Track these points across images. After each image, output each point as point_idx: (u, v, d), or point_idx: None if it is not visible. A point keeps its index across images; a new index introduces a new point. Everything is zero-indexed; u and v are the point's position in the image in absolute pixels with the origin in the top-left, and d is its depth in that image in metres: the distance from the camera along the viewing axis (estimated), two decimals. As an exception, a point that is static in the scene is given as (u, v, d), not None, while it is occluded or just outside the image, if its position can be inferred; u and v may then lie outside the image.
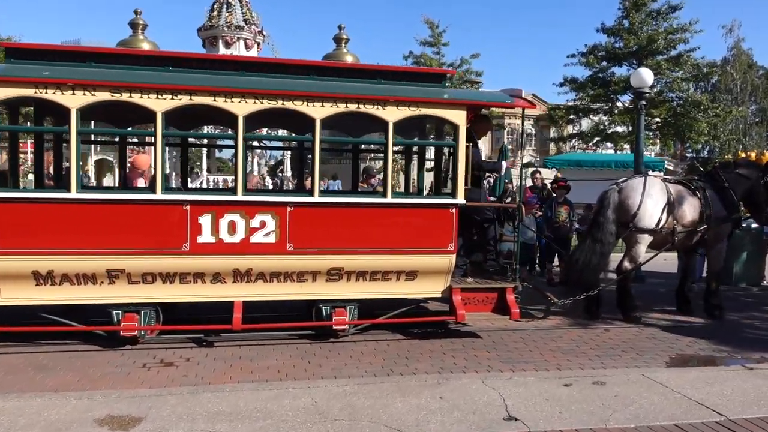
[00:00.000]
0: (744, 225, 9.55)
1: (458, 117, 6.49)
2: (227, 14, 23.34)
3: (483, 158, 7.39)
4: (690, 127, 24.38)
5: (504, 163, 7.09)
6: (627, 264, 7.88)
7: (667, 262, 11.48)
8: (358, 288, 6.51)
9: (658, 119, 25.83)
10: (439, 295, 6.81)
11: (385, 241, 6.41)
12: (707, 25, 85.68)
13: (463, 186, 6.57)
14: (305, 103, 6.15)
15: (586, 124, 30.43)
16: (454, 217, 6.55)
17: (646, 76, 10.80)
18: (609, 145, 30.01)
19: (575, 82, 26.88)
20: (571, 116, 28.39)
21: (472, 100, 6.64)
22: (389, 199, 6.42)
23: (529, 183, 11.99)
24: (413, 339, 6.79)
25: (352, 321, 6.56)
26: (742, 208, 8.81)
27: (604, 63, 26.49)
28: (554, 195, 10.37)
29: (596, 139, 28.54)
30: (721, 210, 8.10)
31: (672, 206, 7.77)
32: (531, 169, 15.38)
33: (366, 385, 5.10)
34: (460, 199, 6.57)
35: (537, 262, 11.08)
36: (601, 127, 28.03)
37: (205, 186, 21.97)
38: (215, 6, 24.15)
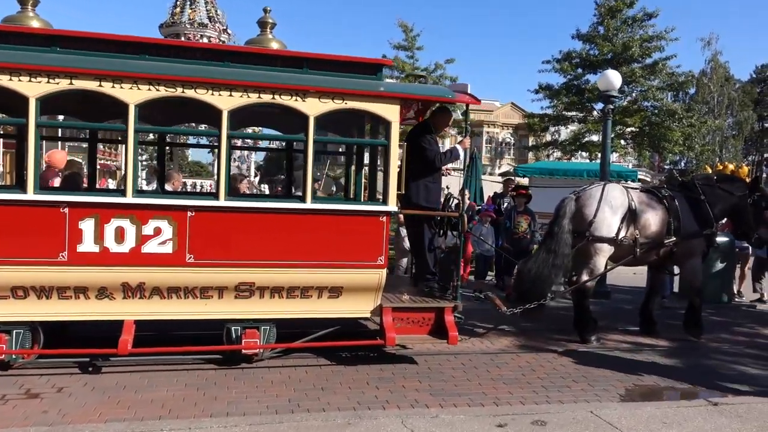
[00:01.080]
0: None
1: (390, 112, 5.69)
2: (190, 11, 22.40)
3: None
4: (664, 136, 23.92)
5: (459, 147, 6.26)
6: (585, 278, 7.13)
7: (637, 276, 10.83)
8: (273, 306, 5.67)
9: (632, 128, 25.38)
10: (369, 315, 5.99)
11: (303, 252, 5.58)
12: (686, 38, 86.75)
13: (395, 191, 5.77)
14: (210, 91, 5.30)
15: (566, 133, 29.93)
16: (385, 226, 5.75)
17: (613, 78, 10.12)
18: (585, 154, 29.55)
19: (550, 89, 26.32)
20: (546, 124, 27.80)
21: (407, 94, 5.85)
22: (308, 205, 5.58)
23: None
24: (338, 365, 5.94)
25: (264, 345, 5.70)
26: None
27: (579, 70, 25.99)
28: (514, 204, 9.62)
29: (571, 148, 28.04)
30: (691, 223, 7.40)
31: (634, 215, 7.06)
32: (504, 178, 14.72)
33: (259, 427, 4.24)
34: (391, 206, 5.76)
35: (494, 274, 10.31)
36: (579, 135, 27.54)
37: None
38: (178, 2, 23.18)
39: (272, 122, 7.20)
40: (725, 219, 8.86)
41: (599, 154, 26.49)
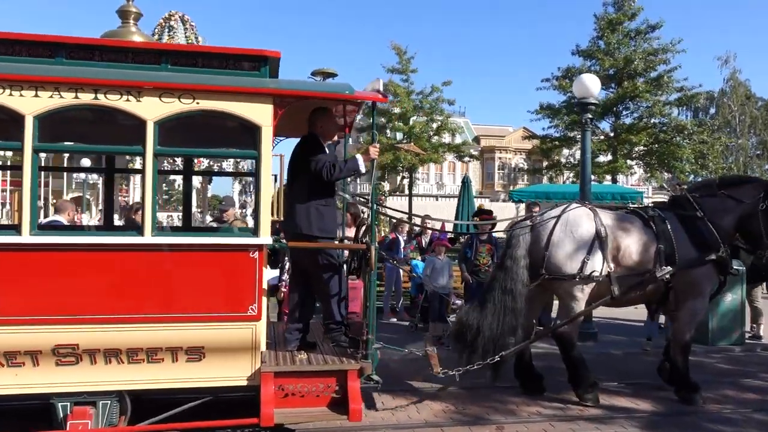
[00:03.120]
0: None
1: (260, 114, 4.33)
2: (168, 38, 21.46)
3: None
4: (673, 154, 22.27)
5: (360, 157, 4.78)
6: (559, 324, 5.60)
7: (639, 309, 9.24)
8: (112, 375, 4.25)
9: (642, 146, 23.79)
10: (245, 383, 4.53)
11: (145, 302, 4.19)
12: (704, 57, 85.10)
13: (269, 218, 4.37)
14: (6, 90, 3.99)
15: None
16: (257, 264, 4.34)
17: (589, 83, 8.69)
18: (594, 177, 27.94)
19: (551, 109, 24.94)
20: (549, 146, 26.24)
21: (284, 90, 4.47)
22: (147, 239, 4.20)
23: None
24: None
25: (99, 430, 4.27)
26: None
27: (581, 88, 24.60)
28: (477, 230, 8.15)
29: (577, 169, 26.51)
30: (689, 248, 5.78)
31: (603, 243, 5.54)
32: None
33: None
34: (265, 237, 4.36)
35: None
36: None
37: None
38: (156, 29, 22.34)
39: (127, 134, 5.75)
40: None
41: (607, 176, 25.19)
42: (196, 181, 21.80)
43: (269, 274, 6.64)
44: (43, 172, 6.22)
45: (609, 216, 5.82)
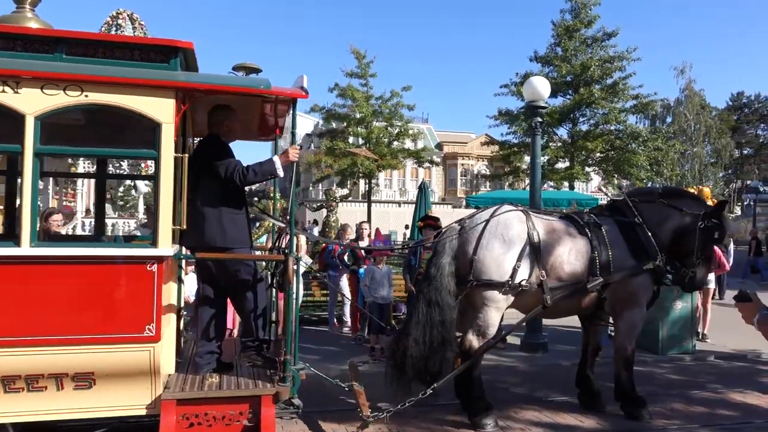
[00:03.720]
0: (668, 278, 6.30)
1: (159, 109, 3.86)
2: (116, 37, 20.65)
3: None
4: (628, 161, 22.45)
5: (278, 159, 4.32)
6: (473, 339, 5.20)
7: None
8: (-15, 405, 3.71)
9: (598, 153, 23.95)
10: (144, 412, 4.03)
11: (21, 322, 3.66)
12: (661, 68, 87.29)
13: (170, 226, 3.90)
14: None
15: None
16: (156, 278, 3.85)
17: (539, 86, 8.47)
18: (552, 183, 28.04)
19: (509, 115, 24.92)
20: (507, 152, 26.19)
21: (188, 83, 4.01)
22: (26, 249, 3.68)
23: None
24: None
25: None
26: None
27: (539, 93, 24.67)
28: (421, 236, 7.79)
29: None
30: (625, 257, 5.48)
31: (537, 250, 5.20)
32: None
33: None
34: (164, 248, 3.88)
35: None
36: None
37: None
38: (104, 27, 21.43)
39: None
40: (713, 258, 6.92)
41: (565, 183, 25.27)
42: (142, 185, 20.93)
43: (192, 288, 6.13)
44: None
45: (541, 220, 5.49)
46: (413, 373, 4.97)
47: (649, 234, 5.56)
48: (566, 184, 24.85)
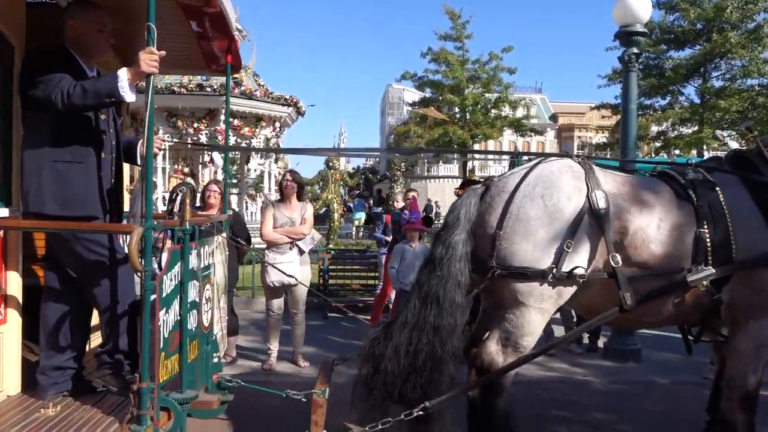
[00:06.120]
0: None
1: None
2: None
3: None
4: (772, 120, 18.67)
5: (123, 72, 2.62)
6: (495, 351, 3.31)
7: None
8: None
9: (735, 113, 20.18)
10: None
11: None
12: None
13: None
14: None
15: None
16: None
17: (636, 5, 6.22)
18: (677, 152, 24.42)
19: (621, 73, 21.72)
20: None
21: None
22: None
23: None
24: None
25: None
26: None
27: (662, 46, 21.21)
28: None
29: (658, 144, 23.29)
30: (758, 235, 3.37)
31: (602, 222, 3.22)
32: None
33: None
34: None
35: None
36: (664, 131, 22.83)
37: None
38: None
39: None
40: None
41: (692, 151, 21.75)
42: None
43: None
44: None
45: (613, 178, 3.48)
46: (382, 395, 3.25)
47: None
48: (694, 152, 21.34)
